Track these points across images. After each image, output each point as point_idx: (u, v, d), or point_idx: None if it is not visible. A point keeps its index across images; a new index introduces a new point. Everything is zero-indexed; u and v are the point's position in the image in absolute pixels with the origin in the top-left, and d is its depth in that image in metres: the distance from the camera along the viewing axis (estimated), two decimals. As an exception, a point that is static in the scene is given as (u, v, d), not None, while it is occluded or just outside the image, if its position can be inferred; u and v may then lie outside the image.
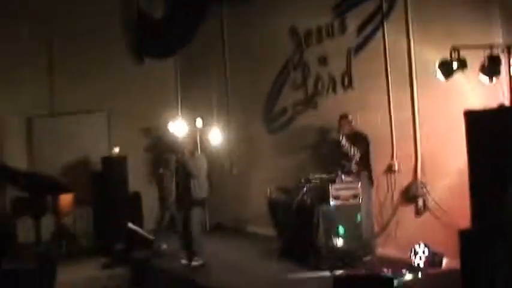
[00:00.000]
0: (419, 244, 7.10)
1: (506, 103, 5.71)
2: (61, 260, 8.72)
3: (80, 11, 11.77)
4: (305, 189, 7.96)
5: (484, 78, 5.89)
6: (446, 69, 6.11)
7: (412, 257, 7.12)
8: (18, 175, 10.12)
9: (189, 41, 11.31)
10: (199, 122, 9.86)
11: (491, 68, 5.76)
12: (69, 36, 11.74)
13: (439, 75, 6.17)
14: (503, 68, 5.80)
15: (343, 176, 7.78)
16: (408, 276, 6.69)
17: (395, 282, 6.10)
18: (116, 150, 11.18)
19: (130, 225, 9.94)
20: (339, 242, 7.48)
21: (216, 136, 9.91)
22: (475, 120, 5.70)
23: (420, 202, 7.65)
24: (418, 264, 7.06)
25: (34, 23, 11.50)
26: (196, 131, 9.63)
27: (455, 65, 6.07)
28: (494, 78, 5.86)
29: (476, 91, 6.59)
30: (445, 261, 7.03)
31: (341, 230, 7.51)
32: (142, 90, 12.29)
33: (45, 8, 11.54)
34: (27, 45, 11.45)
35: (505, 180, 5.14)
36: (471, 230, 5.67)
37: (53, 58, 11.89)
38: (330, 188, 7.59)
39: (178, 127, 9.97)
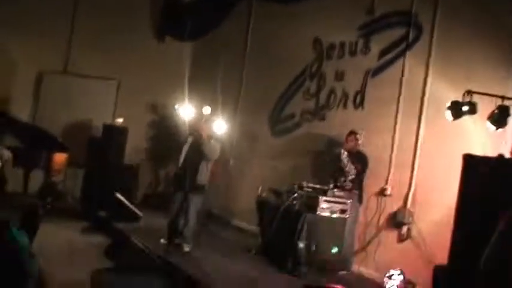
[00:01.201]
0: (395, 269, 7.27)
1: (506, 154, 5.87)
2: (43, 217, 8.76)
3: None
4: (296, 194, 8.05)
5: (491, 126, 6.04)
6: (456, 110, 6.27)
7: (386, 280, 7.28)
8: (19, 125, 10.23)
9: (212, 29, 11.41)
10: (206, 109, 9.96)
11: (499, 118, 5.91)
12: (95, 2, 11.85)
13: (448, 114, 6.33)
14: (511, 120, 5.95)
15: (335, 190, 7.95)
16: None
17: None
18: (120, 120, 11.28)
19: (118, 195, 10.01)
20: (318, 252, 7.62)
21: (221, 126, 10.01)
22: (473, 165, 5.84)
23: (404, 229, 7.80)
24: (390, 288, 7.23)
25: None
26: (202, 117, 9.73)
27: (465, 107, 6.23)
28: (500, 128, 6.01)
29: (480, 136, 6.75)
30: (416, 291, 7.20)
31: (323, 241, 7.65)
32: (157, 68, 12.38)
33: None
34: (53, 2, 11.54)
35: (489, 229, 5.22)
36: (446, 267, 5.84)
37: (76, 19, 11.98)
38: (320, 198, 7.72)
39: (185, 110, 10.06)
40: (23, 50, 11.28)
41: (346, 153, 8.24)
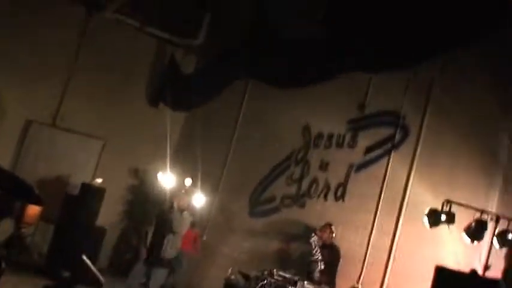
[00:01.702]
0: None
1: (479, 270, 5.76)
2: (7, 268, 8.52)
3: (112, 39, 11.96)
4: (265, 281, 7.86)
5: (467, 239, 5.98)
6: (434, 218, 6.28)
7: None
8: (-1, 171, 10.05)
9: (206, 103, 11.49)
10: (188, 181, 9.89)
11: (476, 231, 5.89)
12: (95, 58, 11.93)
13: (426, 222, 6.29)
14: (487, 235, 5.90)
15: (305, 282, 7.75)
16: None
17: None
18: (99, 180, 11.12)
19: (85, 258, 9.76)
20: None
21: (200, 199, 9.90)
22: (443, 278, 5.67)
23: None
24: None
25: (63, 33, 11.56)
26: (182, 188, 9.65)
27: (443, 217, 6.21)
28: (476, 242, 5.95)
29: (455, 247, 6.69)
30: None
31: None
32: (145, 133, 12.33)
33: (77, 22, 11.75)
34: (52, 52, 11.50)
35: None
36: None
37: (73, 72, 11.95)
38: (288, 289, 7.54)
39: (167, 179, 9.98)
40: (14, 95, 11.14)
41: (316, 237, 8.18)
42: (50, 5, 11.23)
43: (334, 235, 8.25)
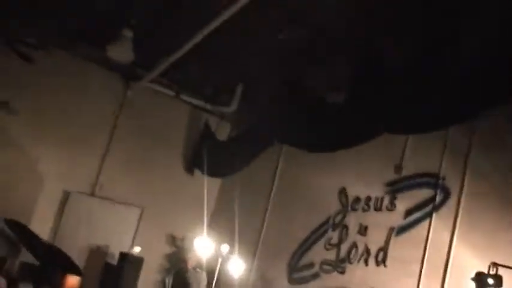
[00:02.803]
0: None
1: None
2: None
3: (148, 108, 12.29)
4: None
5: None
6: (481, 282, 6.11)
7: None
8: (37, 241, 10.15)
9: (242, 168, 11.56)
10: (225, 247, 9.85)
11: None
12: (132, 127, 12.18)
13: (473, 286, 6.13)
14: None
15: None
16: None
17: None
18: (137, 249, 11.14)
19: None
20: None
21: (238, 267, 9.83)
22: None
23: None
24: None
25: (102, 103, 11.90)
26: (219, 255, 9.62)
27: (490, 280, 6.05)
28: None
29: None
30: None
31: None
32: (182, 200, 12.43)
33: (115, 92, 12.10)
34: (91, 122, 11.78)
35: None
36: None
37: (112, 142, 12.19)
38: None
39: (203, 245, 9.97)
40: (53, 165, 11.32)
41: None
42: (89, 74, 11.61)
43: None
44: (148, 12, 9.23)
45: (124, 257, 10.99)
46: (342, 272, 9.35)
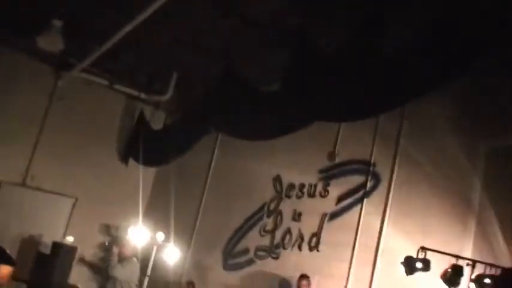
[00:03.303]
0: None
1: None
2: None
3: (81, 98, 12.13)
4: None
5: (443, 285, 6.02)
6: (410, 266, 6.29)
7: None
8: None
9: (176, 157, 11.50)
10: (160, 236, 9.79)
11: (452, 278, 5.91)
12: (64, 117, 11.94)
13: (402, 269, 6.32)
14: (464, 280, 5.94)
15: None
16: None
17: None
18: (70, 239, 10.98)
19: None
20: None
21: (173, 255, 9.78)
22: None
23: None
24: None
25: (32, 93, 11.63)
26: (154, 243, 9.56)
27: (419, 264, 6.24)
28: (452, 288, 5.98)
29: (433, 293, 6.68)
30: None
31: None
32: (116, 189, 12.37)
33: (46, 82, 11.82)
34: (22, 112, 11.52)
35: None
36: None
37: (42, 131, 11.93)
38: None
39: (138, 233, 9.88)
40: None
41: None
42: (19, 65, 11.28)
43: (312, 287, 8.18)
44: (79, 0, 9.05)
45: (57, 245, 10.83)
46: (276, 258, 9.45)
